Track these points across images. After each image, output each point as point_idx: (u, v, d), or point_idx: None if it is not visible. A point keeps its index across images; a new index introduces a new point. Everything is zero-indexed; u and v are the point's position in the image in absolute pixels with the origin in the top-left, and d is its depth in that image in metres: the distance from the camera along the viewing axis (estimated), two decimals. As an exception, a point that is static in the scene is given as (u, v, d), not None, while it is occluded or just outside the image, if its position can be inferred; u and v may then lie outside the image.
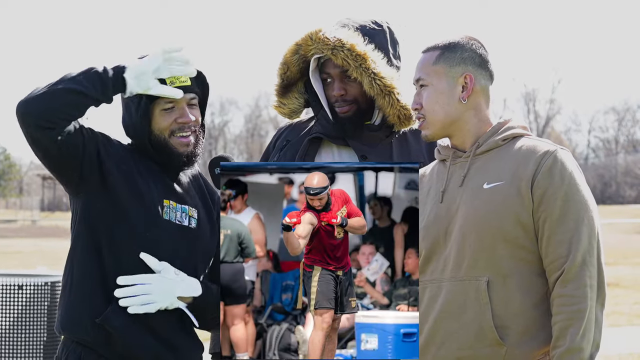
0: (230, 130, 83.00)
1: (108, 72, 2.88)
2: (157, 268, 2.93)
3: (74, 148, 2.88)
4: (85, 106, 2.87)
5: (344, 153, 3.47)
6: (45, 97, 2.82)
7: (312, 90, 3.47)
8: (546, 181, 2.72)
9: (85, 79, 2.85)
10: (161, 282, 2.91)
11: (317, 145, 3.48)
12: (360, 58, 3.29)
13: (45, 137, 2.84)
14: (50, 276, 6.65)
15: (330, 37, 3.31)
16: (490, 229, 2.73)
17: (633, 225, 40.10)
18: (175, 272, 2.94)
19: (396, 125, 3.39)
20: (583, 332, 2.64)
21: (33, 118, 2.82)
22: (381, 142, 3.42)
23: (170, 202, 3.00)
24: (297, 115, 3.59)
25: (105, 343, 2.91)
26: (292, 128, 3.60)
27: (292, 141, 3.52)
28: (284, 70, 3.48)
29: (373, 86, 3.29)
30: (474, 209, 2.77)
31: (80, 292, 2.94)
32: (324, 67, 3.41)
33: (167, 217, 2.98)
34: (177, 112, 2.99)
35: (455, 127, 2.85)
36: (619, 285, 19.75)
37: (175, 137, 2.99)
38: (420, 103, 2.86)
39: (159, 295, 2.91)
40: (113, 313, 2.89)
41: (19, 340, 6.29)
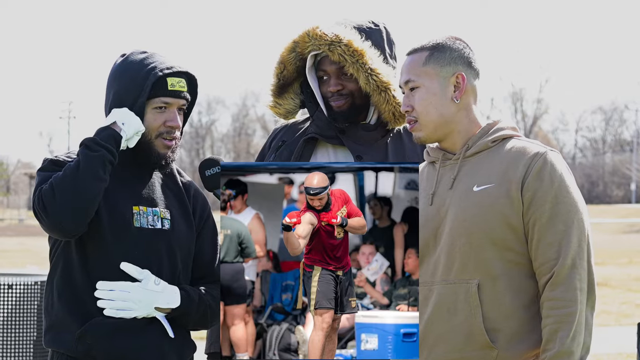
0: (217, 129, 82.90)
1: (110, 149, 2.89)
2: (138, 277, 2.93)
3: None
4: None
5: (339, 153, 3.48)
6: (77, 202, 2.84)
7: (307, 90, 3.48)
8: (536, 183, 2.71)
9: (98, 164, 2.86)
10: (140, 292, 2.93)
11: (312, 145, 3.49)
12: (357, 54, 3.30)
13: (81, 229, 2.89)
14: (40, 275, 6.63)
15: (327, 33, 3.33)
16: (479, 231, 2.72)
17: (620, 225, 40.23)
18: (156, 281, 2.94)
19: (390, 122, 3.40)
20: (573, 335, 2.63)
21: (73, 225, 2.86)
22: (376, 142, 3.43)
23: (141, 208, 2.99)
24: (293, 116, 3.60)
25: (88, 355, 2.93)
26: (287, 129, 3.60)
27: (287, 142, 3.53)
28: (280, 70, 3.48)
29: (369, 82, 3.31)
30: (463, 211, 2.76)
31: (61, 309, 2.96)
32: (321, 64, 3.42)
33: (138, 224, 2.98)
34: (168, 115, 3.01)
35: (447, 128, 2.83)
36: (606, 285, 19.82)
37: (161, 139, 3.01)
38: (411, 105, 2.83)
39: (137, 304, 2.92)
40: (91, 326, 2.91)
41: (9, 339, 6.27)
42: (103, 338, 2.91)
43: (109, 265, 2.93)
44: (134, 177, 3.03)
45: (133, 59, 3.04)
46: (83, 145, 2.89)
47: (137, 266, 2.94)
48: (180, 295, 2.98)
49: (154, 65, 3.00)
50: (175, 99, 3.01)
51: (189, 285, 3.07)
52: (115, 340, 2.92)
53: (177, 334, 3.02)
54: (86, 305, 2.94)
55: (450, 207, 2.79)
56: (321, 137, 3.45)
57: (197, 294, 3.04)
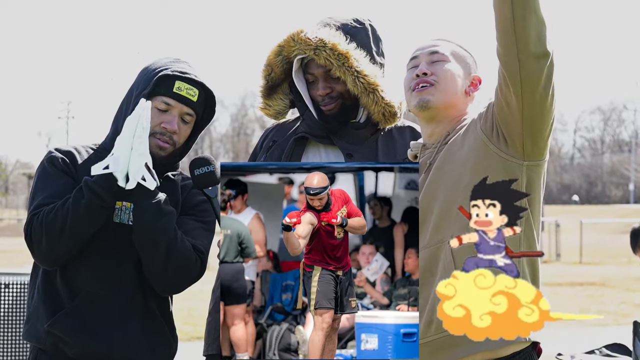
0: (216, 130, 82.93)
1: (99, 194, 2.85)
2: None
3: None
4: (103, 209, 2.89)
5: (330, 152, 3.48)
6: (64, 246, 2.87)
7: (296, 90, 3.48)
8: (485, 115, 2.79)
9: (85, 211, 2.85)
10: (121, 143, 2.85)
11: (303, 145, 3.49)
12: (342, 57, 3.31)
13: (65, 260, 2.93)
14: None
15: (311, 37, 3.33)
16: (447, 187, 2.77)
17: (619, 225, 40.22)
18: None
19: (381, 122, 3.41)
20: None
21: (58, 263, 2.93)
22: (366, 140, 3.44)
23: (124, 203, 2.97)
24: (283, 116, 3.60)
25: (56, 348, 2.94)
26: (278, 128, 3.61)
27: (278, 141, 3.53)
28: (268, 72, 3.49)
29: (357, 84, 3.32)
30: (433, 178, 2.83)
31: (37, 302, 2.97)
32: (308, 67, 3.42)
33: (118, 219, 2.96)
34: (166, 117, 2.99)
35: (448, 110, 2.91)
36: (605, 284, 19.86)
37: (154, 138, 2.99)
38: (432, 71, 2.91)
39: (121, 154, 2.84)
40: (60, 317, 2.91)
41: (6, 338, 6.27)
42: (71, 331, 2.91)
43: (83, 259, 2.93)
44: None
45: (159, 60, 3.05)
46: (80, 187, 2.88)
47: (114, 260, 2.95)
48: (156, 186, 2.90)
49: (168, 67, 3.00)
50: (177, 103, 2.99)
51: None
52: (83, 334, 2.91)
53: (151, 327, 3.00)
54: (59, 297, 2.94)
55: (425, 185, 2.85)
56: (311, 136, 3.45)
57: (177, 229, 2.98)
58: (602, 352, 5.17)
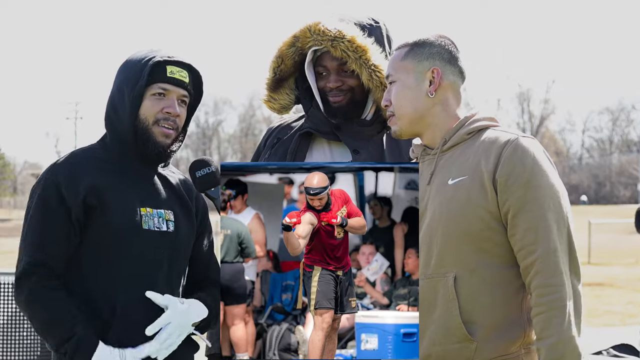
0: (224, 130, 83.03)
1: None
2: (163, 304, 2.92)
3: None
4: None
5: (335, 149, 3.48)
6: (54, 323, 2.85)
7: (303, 86, 3.47)
8: (507, 170, 2.69)
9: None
10: (178, 317, 2.91)
11: (308, 141, 3.48)
12: (360, 50, 3.30)
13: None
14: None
15: (330, 28, 3.32)
16: (454, 225, 2.73)
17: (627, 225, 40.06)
18: (180, 301, 2.95)
19: None
20: (568, 320, 2.61)
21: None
22: (372, 138, 3.43)
23: (147, 209, 2.96)
24: (287, 112, 3.59)
25: None
26: (282, 127, 3.61)
27: (282, 139, 3.53)
28: (277, 64, 3.47)
29: (372, 79, 3.31)
30: (439, 205, 2.78)
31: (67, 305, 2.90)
32: (320, 60, 3.41)
33: (147, 226, 2.94)
34: (166, 102, 2.98)
35: (423, 123, 2.86)
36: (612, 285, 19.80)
37: (158, 126, 2.97)
38: (389, 99, 2.88)
39: (180, 330, 2.92)
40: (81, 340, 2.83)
41: (13, 338, 6.28)
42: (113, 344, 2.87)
43: (120, 269, 2.90)
44: (137, 177, 3.00)
45: (137, 53, 3.04)
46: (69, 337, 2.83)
47: (147, 270, 2.93)
48: (203, 304, 3.01)
49: (154, 54, 2.99)
50: (174, 87, 2.98)
51: (184, 286, 3.08)
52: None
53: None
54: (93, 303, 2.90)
55: (428, 202, 2.82)
56: (317, 132, 3.45)
57: (204, 299, 3.04)
58: (609, 352, 5.16)
